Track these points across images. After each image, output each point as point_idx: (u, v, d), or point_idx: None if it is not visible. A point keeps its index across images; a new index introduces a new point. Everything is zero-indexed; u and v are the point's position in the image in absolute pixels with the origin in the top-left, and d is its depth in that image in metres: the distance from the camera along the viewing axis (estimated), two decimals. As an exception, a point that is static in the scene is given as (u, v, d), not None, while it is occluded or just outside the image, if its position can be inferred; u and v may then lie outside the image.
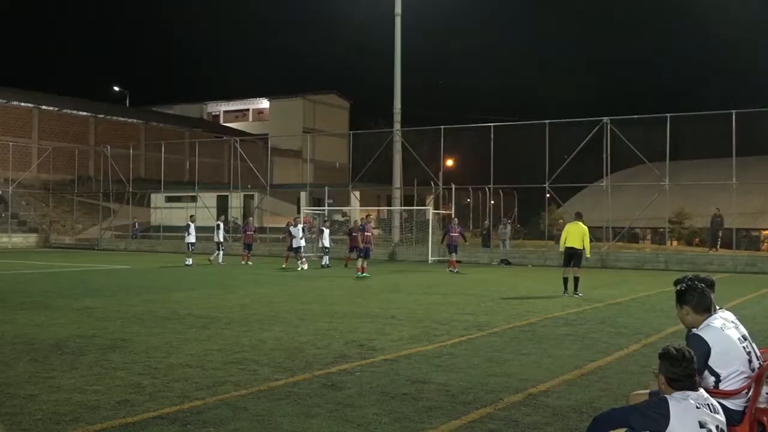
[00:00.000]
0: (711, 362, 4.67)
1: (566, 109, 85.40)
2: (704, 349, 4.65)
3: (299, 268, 27.07)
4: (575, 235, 18.04)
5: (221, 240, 31.38)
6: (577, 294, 17.72)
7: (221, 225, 31.74)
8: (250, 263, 30.68)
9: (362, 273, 23.58)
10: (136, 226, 48.04)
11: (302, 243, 28.45)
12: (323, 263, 28.80)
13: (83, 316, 12.93)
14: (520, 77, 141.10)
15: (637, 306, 15.75)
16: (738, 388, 4.67)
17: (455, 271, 26.70)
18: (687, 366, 4.16)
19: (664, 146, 32.29)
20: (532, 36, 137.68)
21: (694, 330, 4.81)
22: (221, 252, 31.18)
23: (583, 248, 18.07)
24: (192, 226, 30.61)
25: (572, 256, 18.05)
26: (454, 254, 27.62)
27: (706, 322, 4.80)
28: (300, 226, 28.75)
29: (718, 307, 4.98)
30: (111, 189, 50.57)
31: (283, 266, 28.41)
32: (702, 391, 4.19)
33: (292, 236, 28.76)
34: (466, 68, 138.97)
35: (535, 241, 41.61)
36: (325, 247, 29.34)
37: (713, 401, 4.17)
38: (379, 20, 42.42)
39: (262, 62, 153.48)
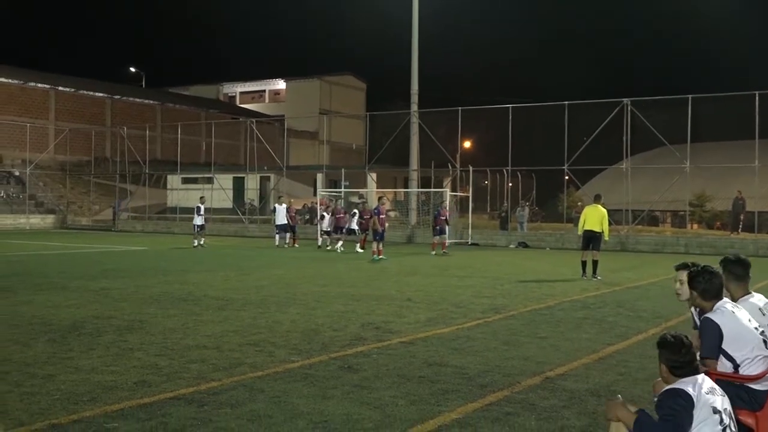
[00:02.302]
0: (725, 346, 4.68)
1: (586, 90, 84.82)
2: (716, 332, 4.67)
3: (337, 249, 27.71)
4: (594, 217, 17.95)
5: (201, 223, 30.24)
6: (596, 277, 17.65)
7: (201, 207, 30.83)
8: (296, 245, 30.37)
9: (378, 256, 23.61)
10: (120, 205, 48.09)
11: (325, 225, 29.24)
12: (320, 244, 28.97)
13: (100, 297, 13.04)
14: (539, 57, 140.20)
15: (657, 290, 15.68)
16: (762, 372, 4.66)
17: (442, 252, 26.55)
18: (687, 352, 4.11)
19: (685, 128, 31.97)
20: (551, 15, 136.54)
21: (706, 314, 4.83)
22: (200, 238, 29.73)
23: (602, 231, 17.98)
24: (201, 207, 30.50)
25: (591, 239, 17.95)
26: (437, 237, 27.56)
27: (717, 305, 4.84)
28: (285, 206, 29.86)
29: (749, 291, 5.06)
30: (127, 170, 50.81)
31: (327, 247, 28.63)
32: (703, 375, 4.14)
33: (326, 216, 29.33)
34: (485, 48, 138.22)
35: (553, 224, 41.42)
36: (326, 231, 29.48)
37: (715, 384, 4.12)
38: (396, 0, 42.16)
39: (278, 43, 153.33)
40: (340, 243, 28.17)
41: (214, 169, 48.12)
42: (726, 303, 4.87)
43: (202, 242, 29.36)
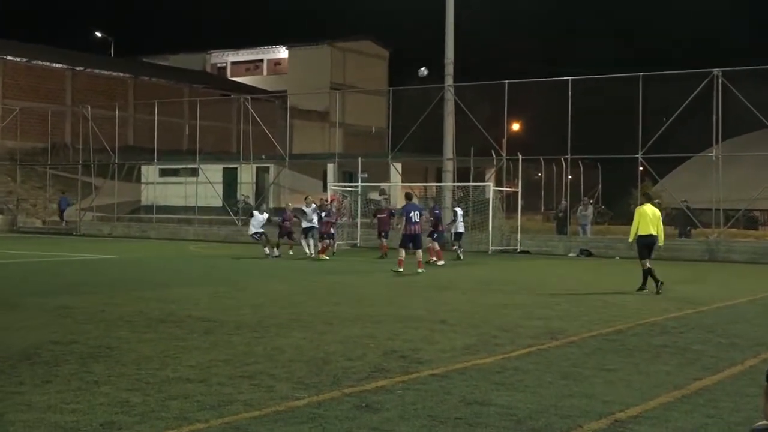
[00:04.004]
0: None
1: (664, 59, 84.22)
2: None
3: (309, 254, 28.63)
4: (653, 219, 18.44)
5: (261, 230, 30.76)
6: (644, 289, 18.15)
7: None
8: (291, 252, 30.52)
9: (401, 267, 23.20)
10: (66, 202, 48.44)
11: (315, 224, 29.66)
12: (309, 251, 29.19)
13: (59, 317, 13.14)
14: (605, 18, 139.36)
15: (756, 310, 15.56)
16: None
17: (431, 262, 26.45)
18: None
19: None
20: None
21: None
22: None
23: (658, 236, 18.46)
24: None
25: (649, 246, 18.40)
26: (436, 243, 27.41)
27: None
28: (313, 206, 29.87)
29: None
30: (92, 159, 51.17)
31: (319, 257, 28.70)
32: None
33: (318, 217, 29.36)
34: (535, 9, 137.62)
35: (624, 227, 41.10)
36: (257, 233, 29.61)
37: None
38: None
39: (278, 0, 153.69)
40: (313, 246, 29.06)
41: (200, 158, 48.36)
42: None
43: (276, 252, 29.26)
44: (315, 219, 29.51)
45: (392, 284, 19.89)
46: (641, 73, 33.90)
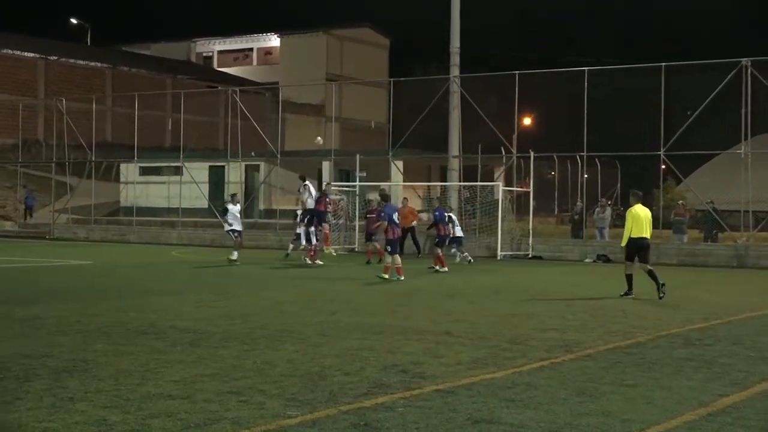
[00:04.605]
0: None
1: (687, 49, 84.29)
2: None
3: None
4: (646, 221, 19.10)
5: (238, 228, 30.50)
6: (663, 294, 18.49)
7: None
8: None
9: (388, 274, 22.63)
10: (32, 200, 48.38)
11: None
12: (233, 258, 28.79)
13: (31, 328, 13.13)
14: (623, 4, 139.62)
15: (788, 320, 15.56)
16: None
17: (436, 269, 26.46)
18: None
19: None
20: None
21: None
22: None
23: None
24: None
25: (642, 249, 19.14)
26: (440, 249, 27.32)
27: None
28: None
29: None
30: (67, 157, 51.16)
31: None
32: None
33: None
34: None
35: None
36: (234, 230, 29.48)
37: None
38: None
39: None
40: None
41: (184, 155, 48.37)
42: None
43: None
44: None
45: (392, 292, 19.87)
46: (663, 63, 33.87)
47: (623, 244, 19.54)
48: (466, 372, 10.15)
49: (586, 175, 41.18)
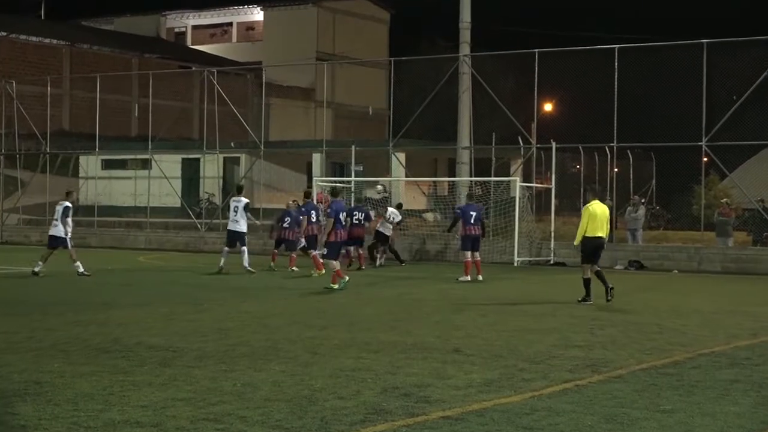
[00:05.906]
0: None
1: (731, 23, 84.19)
2: None
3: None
4: (603, 219, 20.13)
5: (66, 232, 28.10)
6: (611, 298, 19.68)
7: (68, 208, 28.19)
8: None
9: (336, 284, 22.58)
10: None
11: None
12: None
13: (-24, 345, 13.15)
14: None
15: None
16: None
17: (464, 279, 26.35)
18: None
19: None
20: None
21: None
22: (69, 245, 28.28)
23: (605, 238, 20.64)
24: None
25: (598, 249, 20.26)
26: (468, 252, 27.11)
27: None
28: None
29: None
30: (17, 148, 51.10)
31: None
32: None
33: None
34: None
35: (683, 232, 41.24)
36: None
37: None
38: None
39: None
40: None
41: (153, 146, 48.21)
42: None
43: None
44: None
45: (392, 304, 19.87)
46: (705, 40, 33.78)
47: (576, 243, 20.41)
48: (477, 396, 10.17)
49: (616, 169, 41.13)
